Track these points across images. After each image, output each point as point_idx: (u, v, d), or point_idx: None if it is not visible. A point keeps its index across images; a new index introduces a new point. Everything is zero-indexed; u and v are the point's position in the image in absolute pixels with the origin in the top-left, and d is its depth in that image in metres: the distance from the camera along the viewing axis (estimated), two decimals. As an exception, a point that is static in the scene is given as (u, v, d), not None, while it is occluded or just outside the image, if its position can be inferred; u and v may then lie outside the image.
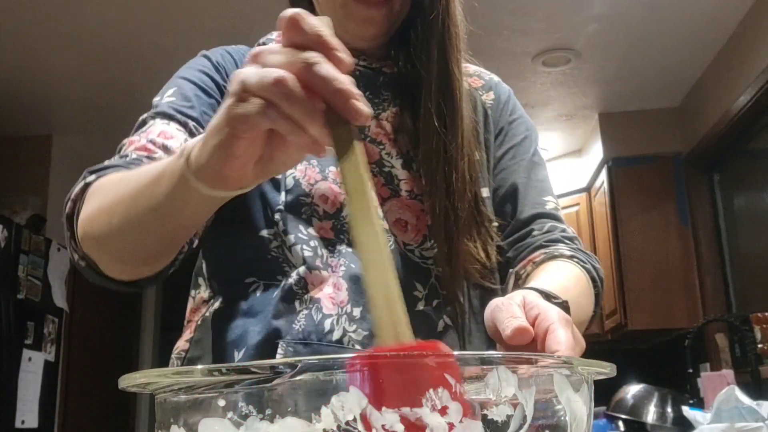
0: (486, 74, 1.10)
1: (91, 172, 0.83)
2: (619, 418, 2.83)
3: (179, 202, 0.68)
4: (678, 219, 4.28)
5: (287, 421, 0.39)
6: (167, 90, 0.94)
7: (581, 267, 0.92)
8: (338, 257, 0.89)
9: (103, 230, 0.76)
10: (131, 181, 0.74)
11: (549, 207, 0.99)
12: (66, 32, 3.45)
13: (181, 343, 0.95)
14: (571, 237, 0.97)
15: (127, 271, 0.83)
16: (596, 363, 0.48)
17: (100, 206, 0.77)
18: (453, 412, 0.39)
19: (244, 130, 0.56)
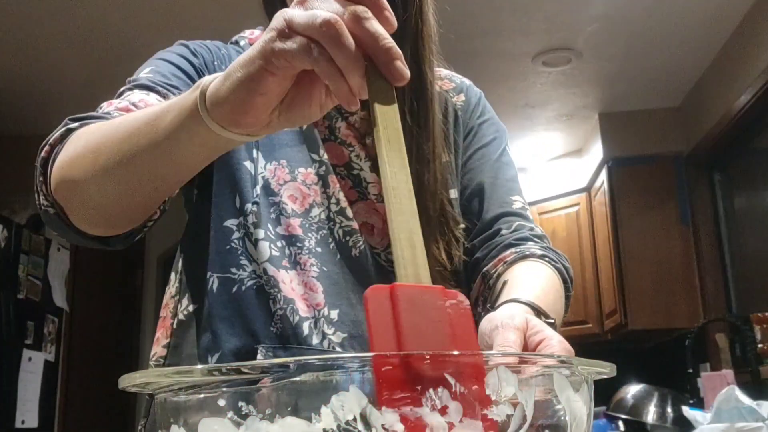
0: (457, 78, 1.10)
1: (73, 119, 0.80)
2: (619, 418, 2.83)
3: (182, 139, 0.64)
4: (678, 219, 4.28)
5: (287, 421, 0.39)
6: (144, 68, 0.92)
7: (553, 267, 0.91)
8: (308, 255, 0.89)
9: (86, 172, 0.72)
10: (125, 121, 0.71)
11: (516, 206, 0.99)
12: (66, 32, 3.45)
13: (159, 349, 0.94)
14: (540, 235, 0.97)
15: (99, 224, 0.79)
16: (596, 363, 0.48)
17: (85, 147, 0.73)
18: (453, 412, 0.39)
19: (279, 67, 0.54)
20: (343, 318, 0.87)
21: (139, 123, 0.68)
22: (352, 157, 0.95)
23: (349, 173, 0.94)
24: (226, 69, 0.91)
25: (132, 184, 0.72)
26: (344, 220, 0.91)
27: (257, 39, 1.00)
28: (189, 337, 0.91)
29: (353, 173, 0.94)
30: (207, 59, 0.96)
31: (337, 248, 0.90)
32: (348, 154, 0.95)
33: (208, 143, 0.64)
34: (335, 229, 0.91)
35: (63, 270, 4.20)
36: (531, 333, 0.64)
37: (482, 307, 0.94)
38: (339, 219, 0.91)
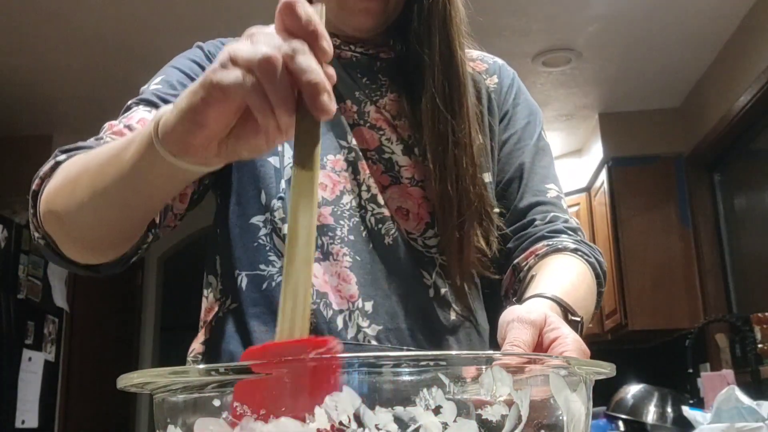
0: (489, 58, 1.08)
1: (63, 151, 0.81)
2: (619, 418, 2.83)
3: (143, 169, 0.65)
4: (679, 219, 4.28)
5: (281, 421, 0.39)
6: (155, 78, 0.94)
7: (585, 261, 0.90)
8: (341, 245, 0.88)
9: (65, 204, 0.74)
10: (100, 152, 0.73)
11: (551, 195, 0.98)
12: (67, 32, 3.45)
13: (196, 345, 0.94)
14: (574, 228, 0.95)
15: (84, 253, 0.80)
16: (595, 363, 0.48)
17: (65, 180, 0.75)
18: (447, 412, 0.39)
19: (218, 97, 0.55)
20: (378, 309, 0.86)
21: (109, 155, 0.70)
22: (383, 140, 0.93)
23: (380, 157, 0.93)
24: None
25: (105, 214, 0.73)
26: (376, 207, 0.90)
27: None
28: (226, 334, 0.91)
29: (385, 157, 0.93)
30: None
31: (369, 237, 0.89)
32: (378, 137, 0.93)
33: (166, 173, 0.65)
34: (367, 217, 0.90)
35: (63, 270, 4.20)
36: (547, 329, 0.63)
37: (513, 298, 0.93)
38: (371, 206, 0.90)
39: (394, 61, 0.97)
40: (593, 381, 0.51)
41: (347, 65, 0.97)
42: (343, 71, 0.95)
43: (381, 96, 0.96)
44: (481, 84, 1.02)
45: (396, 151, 0.93)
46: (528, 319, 0.64)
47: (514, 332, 0.63)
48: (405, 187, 0.92)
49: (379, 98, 0.96)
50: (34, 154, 4.50)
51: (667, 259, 4.23)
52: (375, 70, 0.97)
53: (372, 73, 0.97)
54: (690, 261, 4.20)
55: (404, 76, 0.95)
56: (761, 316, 3.09)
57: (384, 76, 0.97)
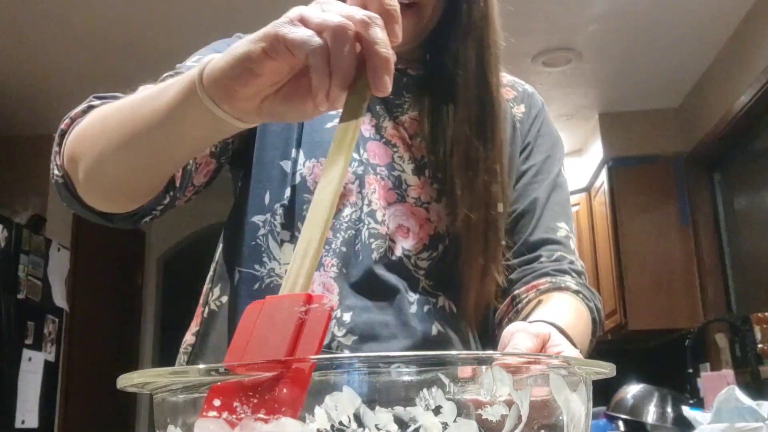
0: (520, 85, 1.07)
1: (97, 97, 0.81)
2: (619, 418, 2.83)
3: (179, 114, 0.65)
4: (678, 219, 4.28)
5: (281, 421, 0.39)
6: (193, 57, 0.92)
7: (585, 305, 0.90)
8: (332, 256, 0.88)
9: (91, 145, 0.74)
10: (135, 97, 0.72)
11: (560, 234, 0.97)
12: (67, 32, 3.45)
13: (188, 337, 0.95)
14: (579, 271, 0.96)
15: (102, 200, 0.80)
16: (595, 363, 0.48)
17: (95, 123, 0.75)
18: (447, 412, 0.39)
19: (279, 51, 0.55)
20: (356, 321, 0.86)
21: (144, 99, 0.69)
22: (395, 158, 0.93)
23: (390, 174, 0.92)
24: None
25: (130, 158, 0.72)
26: (372, 222, 0.89)
27: None
28: (217, 327, 0.91)
29: (394, 174, 0.92)
30: None
31: (361, 249, 0.89)
32: (392, 154, 0.93)
33: (202, 122, 0.63)
34: (363, 230, 0.89)
35: (63, 270, 4.20)
36: (551, 344, 0.63)
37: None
38: (368, 220, 0.90)
39: (421, 79, 0.97)
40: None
41: None
42: None
43: (402, 113, 0.95)
44: (507, 112, 1.01)
45: (407, 169, 0.92)
46: (533, 331, 0.64)
47: (517, 340, 0.63)
48: (410, 206, 0.91)
49: (399, 114, 0.95)
50: (34, 154, 4.51)
51: (667, 259, 4.23)
52: (401, 86, 0.96)
53: (397, 89, 0.96)
54: (690, 261, 4.20)
55: (430, 95, 0.94)
56: (761, 315, 3.09)
57: (408, 93, 0.96)
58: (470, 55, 0.90)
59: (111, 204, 0.80)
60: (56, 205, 4.47)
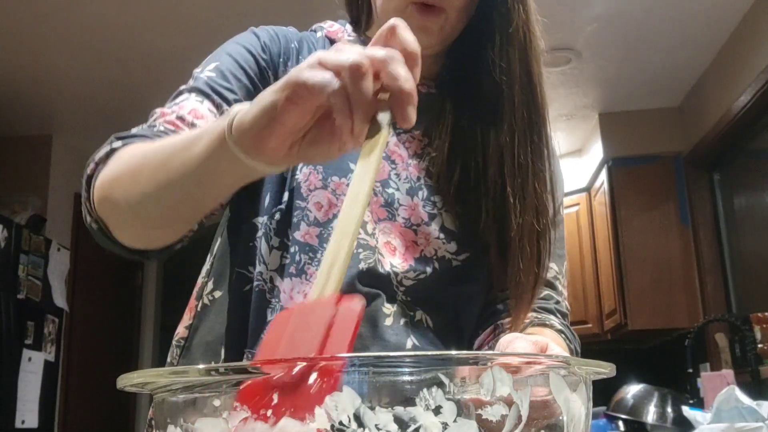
0: None
1: (119, 138, 0.82)
2: (619, 418, 2.83)
3: (212, 166, 0.67)
4: (678, 219, 4.28)
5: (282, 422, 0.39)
6: (209, 63, 0.92)
7: (567, 346, 0.91)
8: (316, 266, 0.88)
9: (125, 193, 0.76)
10: (163, 145, 0.74)
11: (549, 275, 0.97)
12: (66, 32, 3.45)
13: (181, 330, 0.95)
14: (563, 313, 0.96)
15: (139, 238, 0.82)
16: (595, 363, 0.48)
17: (125, 169, 0.76)
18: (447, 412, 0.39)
19: (302, 95, 0.57)
20: None
21: (175, 149, 0.71)
22: (392, 175, 0.92)
23: (383, 190, 0.91)
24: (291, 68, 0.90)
25: (167, 207, 0.75)
26: (361, 232, 0.89)
27: (335, 33, 0.99)
28: (207, 322, 0.92)
29: (388, 191, 0.91)
30: (274, 57, 0.95)
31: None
32: (389, 171, 0.92)
33: (234, 170, 0.66)
34: None
35: (63, 270, 4.20)
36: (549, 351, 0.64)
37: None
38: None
39: (433, 98, 0.96)
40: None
41: None
42: None
43: (406, 131, 0.95)
44: None
45: (401, 188, 0.92)
46: (531, 338, 0.64)
47: (516, 345, 0.63)
48: (398, 226, 0.91)
49: (402, 132, 0.95)
50: (34, 154, 4.52)
51: (666, 258, 4.23)
52: None
53: None
54: (690, 260, 4.20)
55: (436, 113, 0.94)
56: (761, 315, 3.09)
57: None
58: (513, 60, 0.89)
59: (147, 242, 0.83)
60: (56, 205, 4.47)
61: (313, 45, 0.98)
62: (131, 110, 4.23)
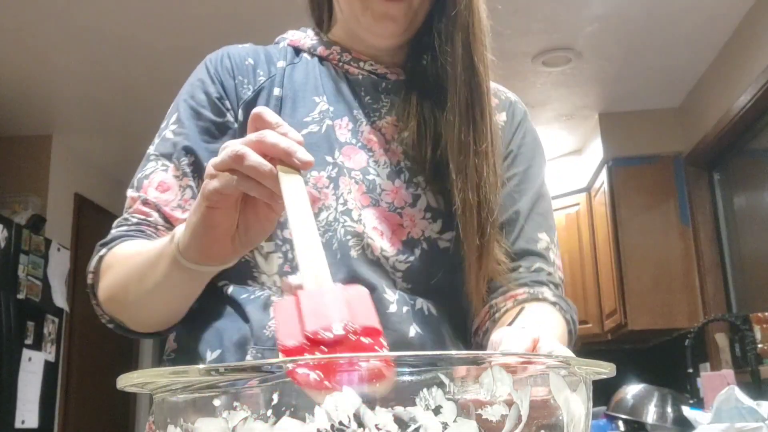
0: (503, 92, 1.07)
1: (102, 245, 0.92)
2: (619, 418, 2.83)
3: (177, 280, 0.79)
4: (678, 219, 4.28)
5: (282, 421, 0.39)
6: (171, 116, 0.97)
7: (563, 317, 0.91)
8: None
9: (121, 302, 0.88)
10: (137, 262, 0.85)
11: (541, 246, 0.97)
12: (66, 32, 3.45)
13: (171, 344, 0.97)
14: (556, 283, 0.96)
15: (150, 328, 0.92)
16: (595, 363, 0.48)
17: (115, 282, 0.88)
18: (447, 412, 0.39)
19: (217, 200, 0.69)
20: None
21: (144, 268, 0.83)
22: (371, 162, 0.93)
23: (364, 178, 0.92)
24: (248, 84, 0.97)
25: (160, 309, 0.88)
26: (348, 220, 0.90)
27: (297, 41, 1.01)
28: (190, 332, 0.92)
29: (369, 178, 0.93)
30: (225, 82, 0.97)
31: (338, 248, 0.89)
32: (367, 158, 0.93)
33: (195, 278, 0.80)
34: (338, 229, 0.90)
35: (63, 270, 4.20)
36: (542, 343, 0.64)
37: (482, 338, 0.94)
38: (343, 219, 0.90)
39: (401, 84, 0.97)
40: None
41: (353, 82, 0.97)
42: (347, 87, 0.97)
43: (379, 117, 0.96)
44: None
45: (381, 174, 0.93)
46: (524, 332, 0.64)
47: (510, 341, 0.63)
48: (383, 211, 0.92)
49: (377, 119, 0.96)
50: (35, 154, 4.52)
51: (666, 258, 4.23)
52: (379, 90, 0.97)
53: (375, 93, 0.97)
54: (690, 260, 4.20)
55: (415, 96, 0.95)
56: (761, 315, 3.09)
57: (387, 97, 0.97)
58: (457, 42, 0.91)
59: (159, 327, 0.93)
60: (56, 205, 4.48)
61: (275, 57, 1.00)
62: (131, 110, 4.23)
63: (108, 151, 4.69)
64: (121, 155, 4.51)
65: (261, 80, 0.97)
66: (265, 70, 0.98)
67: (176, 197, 0.93)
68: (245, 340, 0.87)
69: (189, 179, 0.93)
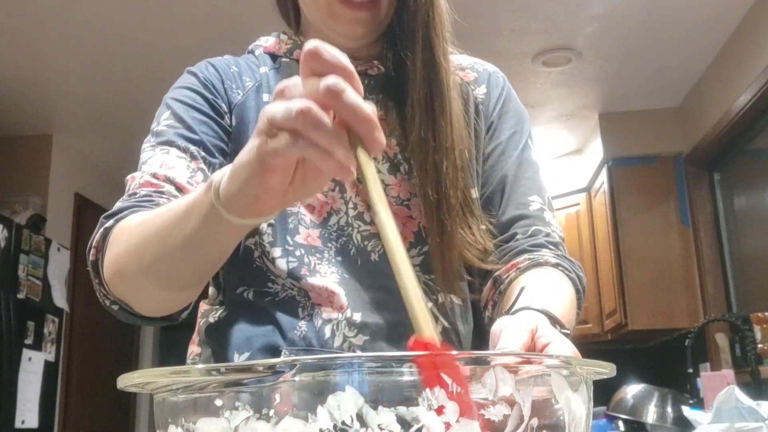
0: (480, 65, 1.06)
1: (107, 217, 0.84)
2: (619, 418, 2.83)
3: (210, 234, 0.70)
4: (678, 219, 4.28)
5: (284, 421, 0.39)
6: (162, 114, 0.94)
7: (567, 276, 0.90)
8: (328, 265, 0.89)
9: (135, 272, 0.78)
10: (157, 221, 0.76)
11: (533, 208, 0.96)
12: (66, 31, 3.45)
13: (194, 348, 0.96)
14: (555, 242, 0.95)
15: (160, 307, 0.84)
16: (595, 363, 0.48)
17: (127, 250, 0.78)
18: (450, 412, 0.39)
19: (276, 164, 0.58)
20: (366, 321, 0.86)
21: (169, 224, 0.74)
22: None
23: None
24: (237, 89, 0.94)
25: (181, 274, 0.78)
26: (362, 225, 0.90)
27: (272, 48, 1.00)
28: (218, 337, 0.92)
29: None
30: (216, 86, 0.96)
31: (357, 254, 0.89)
32: None
33: (233, 233, 0.71)
34: (354, 234, 0.90)
35: (63, 270, 4.20)
36: (540, 335, 0.63)
37: (492, 311, 0.93)
38: (357, 224, 0.90)
39: (383, 78, 0.97)
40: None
41: None
42: None
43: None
44: (469, 95, 1.00)
45: (383, 170, 0.93)
46: (521, 326, 0.64)
47: (507, 336, 0.63)
48: (391, 206, 0.90)
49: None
50: (35, 154, 4.52)
51: (666, 258, 4.23)
52: (364, 88, 0.96)
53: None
54: (690, 260, 4.20)
55: (393, 92, 0.95)
56: (761, 315, 3.09)
57: (371, 94, 0.96)
58: (417, 38, 0.90)
59: (171, 307, 0.85)
60: (56, 204, 4.47)
61: (255, 65, 0.99)
62: (131, 110, 4.23)
63: (108, 151, 4.69)
64: (121, 155, 4.51)
65: (249, 85, 0.97)
66: (250, 76, 0.98)
67: (185, 174, 0.87)
68: (275, 342, 0.87)
69: (199, 162, 0.89)
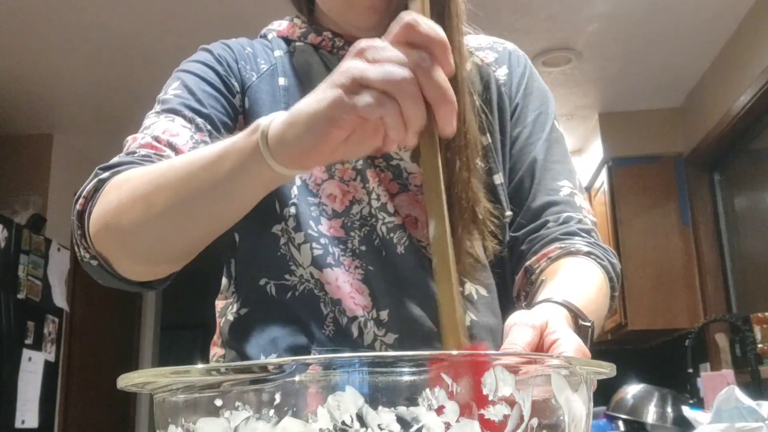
0: (500, 45, 1.03)
1: (103, 169, 0.80)
2: (619, 418, 2.83)
3: (244, 181, 0.66)
4: (678, 219, 4.28)
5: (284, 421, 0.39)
6: (171, 84, 0.91)
7: (599, 265, 0.87)
8: (352, 257, 0.87)
9: (137, 220, 0.73)
10: (177, 168, 0.72)
11: (563, 193, 0.93)
12: (67, 31, 3.45)
13: (218, 349, 0.94)
14: (588, 229, 0.91)
15: (144, 270, 0.80)
16: (595, 363, 0.48)
17: (131, 197, 0.73)
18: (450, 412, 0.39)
19: (349, 120, 0.56)
20: (394, 318, 0.85)
21: (194, 168, 0.70)
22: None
23: (388, 164, 0.90)
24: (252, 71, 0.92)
25: (188, 226, 0.74)
26: (387, 216, 0.88)
27: (286, 32, 0.98)
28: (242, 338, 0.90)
29: (393, 164, 0.90)
30: (231, 64, 0.94)
31: (382, 245, 0.87)
32: None
33: (269, 182, 0.67)
34: (378, 226, 0.88)
35: (63, 270, 4.20)
36: (548, 332, 0.62)
37: (524, 301, 0.90)
38: (381, 215, 0.88)
39: None
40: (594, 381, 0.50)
41: None
42: None
43: None
44: (490, 77, 0.97)
45: (404, 157, 0.91)
46: (529, 322, 0.63)
47: (515, 333, 0.63)
48: (414, 195, 0.90)
49: None
50: (35, 154, 4.52)
51: (667, 258, 4.23)
52: None
53: None
54: (690, 261, 4.20)
55: None
56: (761, 316, 3.09)
57: None
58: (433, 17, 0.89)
59: (155, 271, 0.80)
60: (56, 204, 4.47)
61: (269, 48, 0.97)
62: (131, 110, 4.23)
63: (108, 151, 4.66)
64: (121, 155, 4.51)
65: (263, 68, 0.95)
66: (265, 59, 0.96)
67: (188, 145, 0.83)
68: (302, 342, 0.85)
69: (204, 135, 0.85)
